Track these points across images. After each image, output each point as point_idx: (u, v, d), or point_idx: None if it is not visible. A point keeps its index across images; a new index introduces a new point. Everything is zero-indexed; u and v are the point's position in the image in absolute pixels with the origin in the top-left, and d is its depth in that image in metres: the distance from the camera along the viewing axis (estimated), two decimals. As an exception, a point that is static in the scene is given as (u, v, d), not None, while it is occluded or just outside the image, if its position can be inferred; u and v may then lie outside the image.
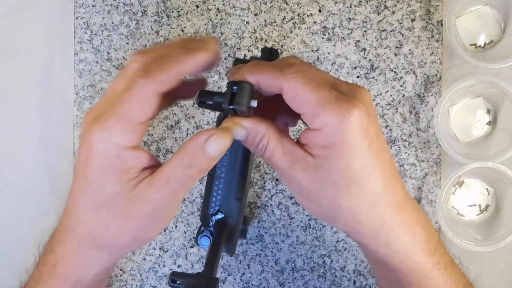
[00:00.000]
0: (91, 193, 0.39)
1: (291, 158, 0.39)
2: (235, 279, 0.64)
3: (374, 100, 0.64)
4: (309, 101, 0.37)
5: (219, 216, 0.46)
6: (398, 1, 0.64)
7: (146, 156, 0.39)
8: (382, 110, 0.64)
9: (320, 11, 0.64)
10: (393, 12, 0.64)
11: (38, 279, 0.44)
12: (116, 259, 0.45)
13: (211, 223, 0.46)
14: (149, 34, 0.65)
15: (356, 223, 0.40)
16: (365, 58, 0.64)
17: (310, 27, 0.64)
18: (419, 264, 0.41)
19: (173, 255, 0.64)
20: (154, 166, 0.40)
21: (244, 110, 0.38)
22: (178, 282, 0.40)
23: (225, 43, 0.64)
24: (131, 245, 0.43)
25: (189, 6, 0.65)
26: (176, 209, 0.42)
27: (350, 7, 0.64)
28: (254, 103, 0.39)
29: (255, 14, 0.64)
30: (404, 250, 0.41)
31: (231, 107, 0.38)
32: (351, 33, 0.64)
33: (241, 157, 0.46)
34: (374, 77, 0.64)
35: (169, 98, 0.41)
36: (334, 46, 0.64)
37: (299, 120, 0.43)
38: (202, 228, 0.46)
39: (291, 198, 0.64)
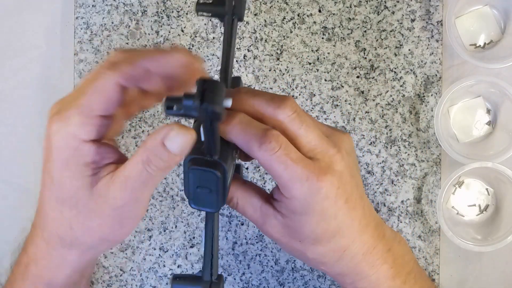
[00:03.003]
0: (54, 189, 0.38)
1: (261, 216, 0.42)
2: (235, 279, 0.64)
3: (374, 100, 0.64)
4: (282, 178, 0.39)
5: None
6: (398, 1, 0.64)
7: (109, 151, 0.38)
8: (382, 110, 0.64)
9: (320, 11, 0.64)
10: (393, 12, 0.64)
11: (12, 281, 0.43)
12: (87, 260, 0.43)
13: None
14: (149, 34, 0.65)
15: (323, 269, 0.44)
16: (365, 58, 0.64)
17: (310, 27, 0.64)
18: None
19: (173, 255, 0.64)
20: (120, 162, 0.38)
21: (220, 111, 0.34)
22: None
23: (225, 43, 0.64)
24: (100, 245, 0.41)
25: (189, 6, 0.65)
26: (144, 209, 0.40)
27: (350, 7, 0.64)
28: (229, 102, 0.36)
29: (255, 14, 0.64)
30: None
31: (203, 105, 0.33)
32: (351, 33, 0.64)
33: None
34: (374, 77, 0.64)
35: (133, 105, 0.40)
36: (334, 46, 0.64)
37: None
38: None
39: (291, 198, 0.64)
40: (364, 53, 0.64)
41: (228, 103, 0.35)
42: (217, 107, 0.33)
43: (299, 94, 0.64)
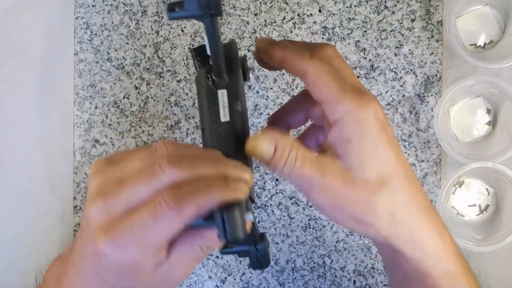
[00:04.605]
0: (99, 279, 0.38)
1: (320, 167, 0.38)
2: (235, 279, 0.64)
3: (374, 100, 0.64)
4: (330, 88, 0.38)
5: None
6: (398, 1, 0.64)
7: (163, 252, 0.38)
8: (382, 110, 0.64)
9: (320, 11, 0.64)
10: (393, 12, 0.64)
11: None
12: None
13: None
14: (149, 34, 0.65)
15: (395, 223, 0.39)
16: (365, 58, 0.64)
17: (310, 27, 0.64)
18: (452, 268, 0.41)
19: (173, 255, 0.64)
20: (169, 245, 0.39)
21: (242, 238, 0.36)
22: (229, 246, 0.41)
23: (225, 43, 0.64)
24: None
25: (189, 6, 0.65)
26: (189, 274, 0.42)
27: (350, 7, 0.64)
28: (251, 217, 0.37)
29: (255, 14, 0.64)
30: (438, 254, 0.40)
31: (229, 239, 0.35)
32: (351, 33, 0.64)
33: None
34: (374, 77, 0.64)
35: None
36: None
37: None
38: None
39: (291, 198, 0.64)
40: (364, 53, 0.64)
41: (251, 217, 0.37)
42: (242, 236, 0.35)
43: (299, 94, 0.64)
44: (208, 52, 0.38)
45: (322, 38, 0.64)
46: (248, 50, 0.64)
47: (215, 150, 0.38)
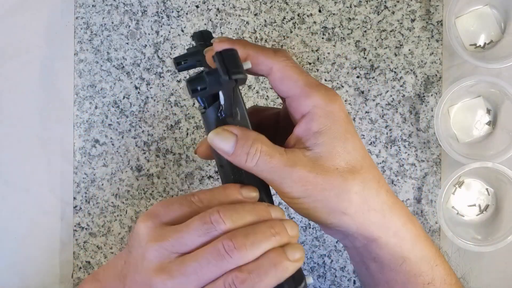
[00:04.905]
0: None
1: (290, 158, 0.38)
2: (235, 279, 0.64)
3: (374, 100, 0.64)
4: (298, 83, 0.39)
5: None
6: (398, 1, 0.64)
7: None
8: (382, 110, 0.64)
9: (320, 11, 0.64)
10: (393, 12, 0.64)
11: None
12: None
13: None
14: (149, 34, 0.65)
15: (368, 209, 0.40)
16: (365, 58, 0.64)
17: (310, 27, 0.64)
18: (426, 251, 0.42)
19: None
20: None
21: (243, 77, 0.36)
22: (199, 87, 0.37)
23: (225, 43, 0.64)
24: None
25: (189, 6, 0.65)
26: None
27: (350, 7, 0.64)
28: (248, 65, 0.38)
29: (255, 14, 0.64)
30: (412, 238, 0.41)
31: (233, 77, 0.35)
32: (351, 33, 0.64)
33: None
34: (374, 77, 0.64)
35: None
36: (334, 46, 0.64)
37: None
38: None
39: (291, 198, 0.64)
40: (364, 53, 0.64)
41: (248, 65, 0.38)
42: (243, 75, 0.36)
43: (299, 94, 0.64)
44: (222, 102, 0.38)
45: (322, 38, 0.64)
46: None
47: (261, 204, 0.38)
